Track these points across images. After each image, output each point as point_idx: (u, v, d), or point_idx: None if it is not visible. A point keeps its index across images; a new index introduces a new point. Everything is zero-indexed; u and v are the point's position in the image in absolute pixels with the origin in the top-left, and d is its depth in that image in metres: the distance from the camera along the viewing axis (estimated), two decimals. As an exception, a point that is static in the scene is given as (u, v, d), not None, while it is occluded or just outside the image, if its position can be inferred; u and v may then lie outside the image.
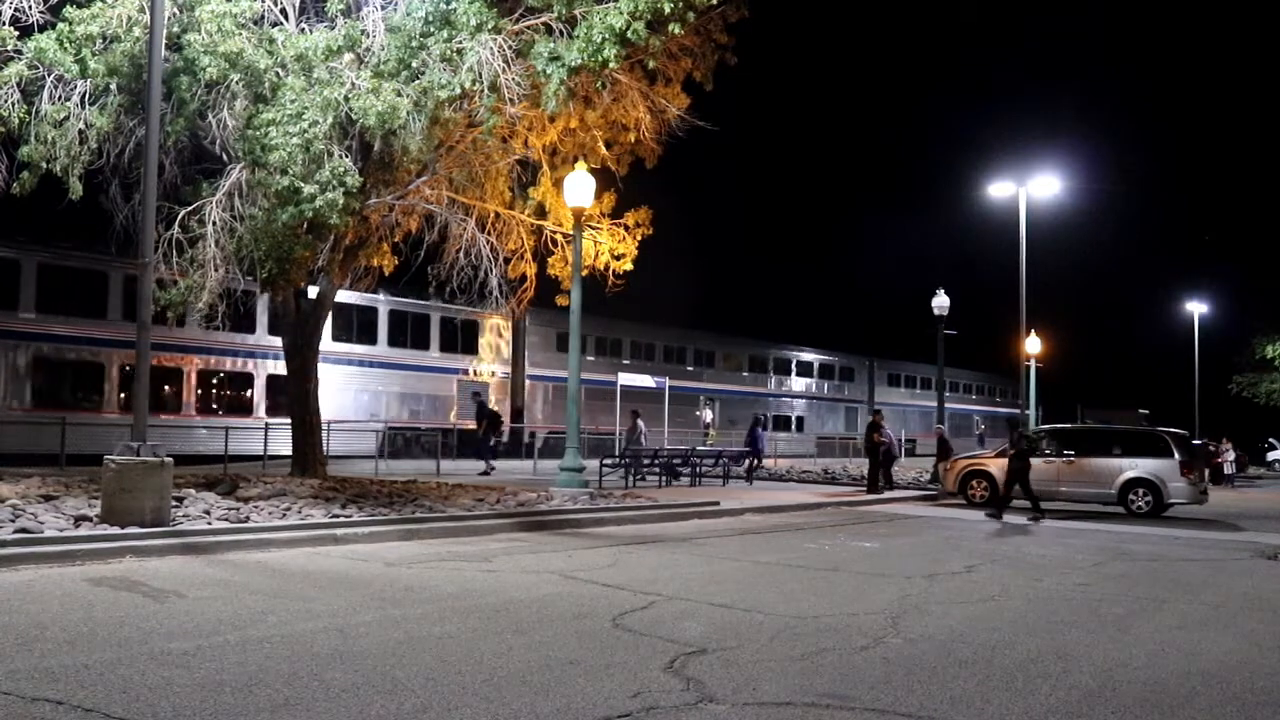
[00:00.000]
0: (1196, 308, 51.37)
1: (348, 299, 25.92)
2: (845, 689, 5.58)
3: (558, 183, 17.88)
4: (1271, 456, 51.30)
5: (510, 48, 14.03)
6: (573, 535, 12.76)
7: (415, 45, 14.00)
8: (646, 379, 36.15)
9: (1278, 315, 46.22)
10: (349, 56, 14.01)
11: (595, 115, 16.60)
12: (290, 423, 18.11)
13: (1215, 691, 5.88)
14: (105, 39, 14.00)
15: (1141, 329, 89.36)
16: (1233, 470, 37.30)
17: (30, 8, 13.69)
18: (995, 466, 20.14)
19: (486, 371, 32.43)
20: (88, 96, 14.11)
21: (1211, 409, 52.09)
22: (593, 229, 18.54)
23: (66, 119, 13.90)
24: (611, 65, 13.78)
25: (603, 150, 17.64)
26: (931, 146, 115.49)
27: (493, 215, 18.36)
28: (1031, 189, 28.76)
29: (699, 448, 27.22)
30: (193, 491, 12.78)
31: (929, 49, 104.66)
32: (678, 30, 14.10)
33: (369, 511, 12.37)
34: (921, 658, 6.40)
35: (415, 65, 13.95)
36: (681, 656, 6.16)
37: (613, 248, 18.78)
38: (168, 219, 14.06)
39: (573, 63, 13.65)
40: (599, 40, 13.43)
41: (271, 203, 13.52)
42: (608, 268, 18.90)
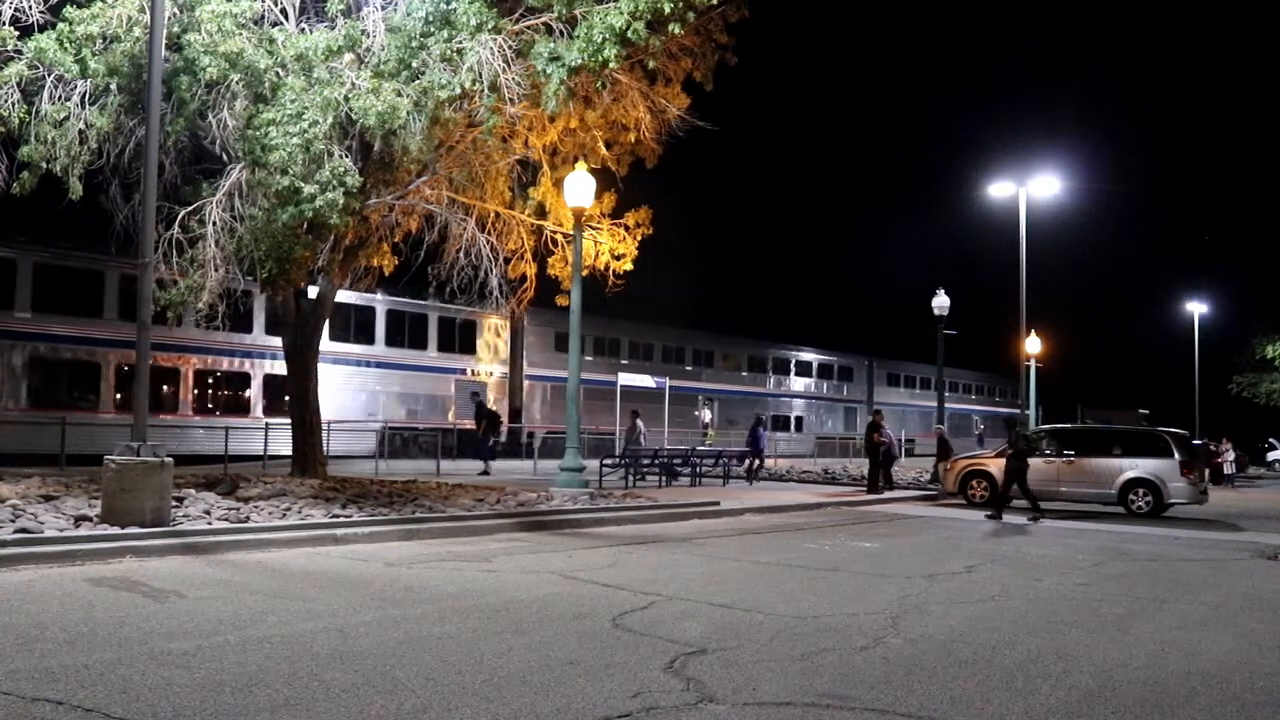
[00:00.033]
0: (1196, 308, 51.43)
1: (345, 299, 25.91)
2: (845, 689, 5.59)
3: (558, 183, 17.88)
4: (1271, 456, 51.27)
5: (510, 48, 14.03)
6: (573, 535, 12.77)
7: (415, 45, 14.00)
8: (646, 379, 36.16)
9: (1278, 315, 46.24)
10: (349, 56, 14.01)
11: (595, 115, 16.60)
12: (290, 423, 18.11)
13: (1215, 691, 5.88)
14: (105, 39, 14.00)
15: (1141, 329, 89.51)
16: (1233, 470, 37.30)
17: (30, 8, 13.69)
18: (995, 466, 20.12)
19: (484, 371, 32.43)
20: (88, 96, 14.11)
21: (1211, 409, 52.14)
22: (593, 229, 18.54)
23: (66, 119, 13.90)
24: (611, 65, 13.79)
25: (603, 150, 17.64)
26: (931, 146, 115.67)
27: (493, 215, 18.36)
28: (1031, 189, 28.78)
29: (699, 448, 27.23)
30: (193, 491, 12.78)
31: (929, 49, 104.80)
32: (678, 30, 14.11)
33: (369, 511, 12.37)
34: (921, 658, 6.41)
35: (415, 65, 13.95)
36: (681, 656, 6.16)
37: (613, 248, 18.79)
38: (168, 219, 14.06)
39: (573, 63, 13.65)
40: (599, 40, 13.43)
41: (271, 203, 13.52)
42: (608, 268, 18.90)
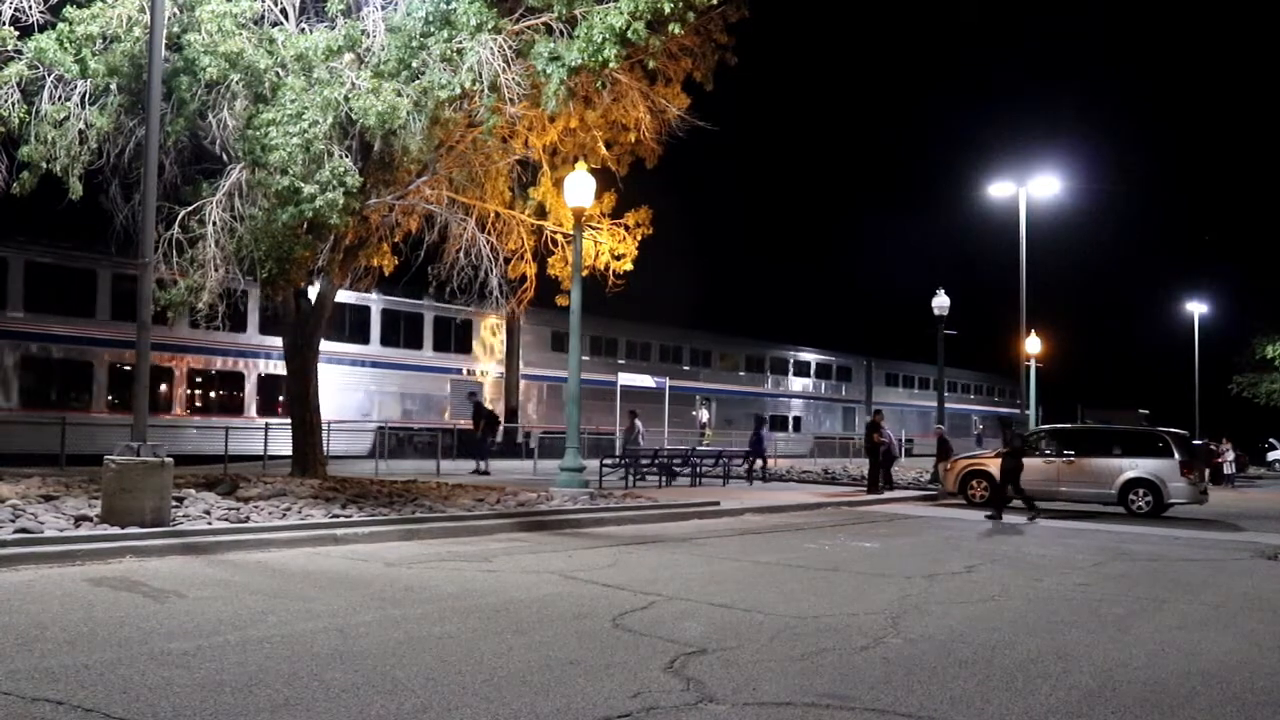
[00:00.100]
0: (1196, 308, 51.46)
1: (341, 298, 25.75)
2: (845, 689, 5.59)
3: (558, 183, 17.88)
4: (1271, 456, 51.26)
5: (510, 48, 14.04)
6: (573, 535, 12.77)
7: (415, 45, 14.00)
8: (646, 379, 36.16)
9: (1278, 315, 46.24)
10: (349, 56, 14.01)
11: (595, 115, 16.60)
12: (290, 423, 18.11)
13: (1215, 691, 5.88)
14: (105, 39, 14.00)
15: (1141, 329, 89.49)
16: (1233, 470, 37.29)
17: (30, 8, 13.69)
18: (995, 467, 20.08)
19: (481, 371, 32.39)
20: (88, 96, 14.11)
21: (1211, 409, 52.16)
22: (593, 229, 18.54)
23: (66, 119, 13.90)
24: (611, 65, 13.79)
25: (603, 150, 17.64)
26: (931, 146, 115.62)
27: (493, 215, 18.36)
28: (1031, 189, 28.79)
29: (699, 448, 27.24)
30: (193, 491, 12.78)
31: (929, 49, 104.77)
32: (678, 30, 14.11)
33: (369, 511, 12.37)
34: (921, 658, 6.40)
35: (415, 65, 13.96)
36: (681, 656, 6.16)
37: (613, 248, 18.78)
38: (168, 219, 14.06)
39: (573, 63, 13.65)
40: (599, 40, 13.43)
41: (271, 203, 13.52)
42: (608, 268, 18.90)
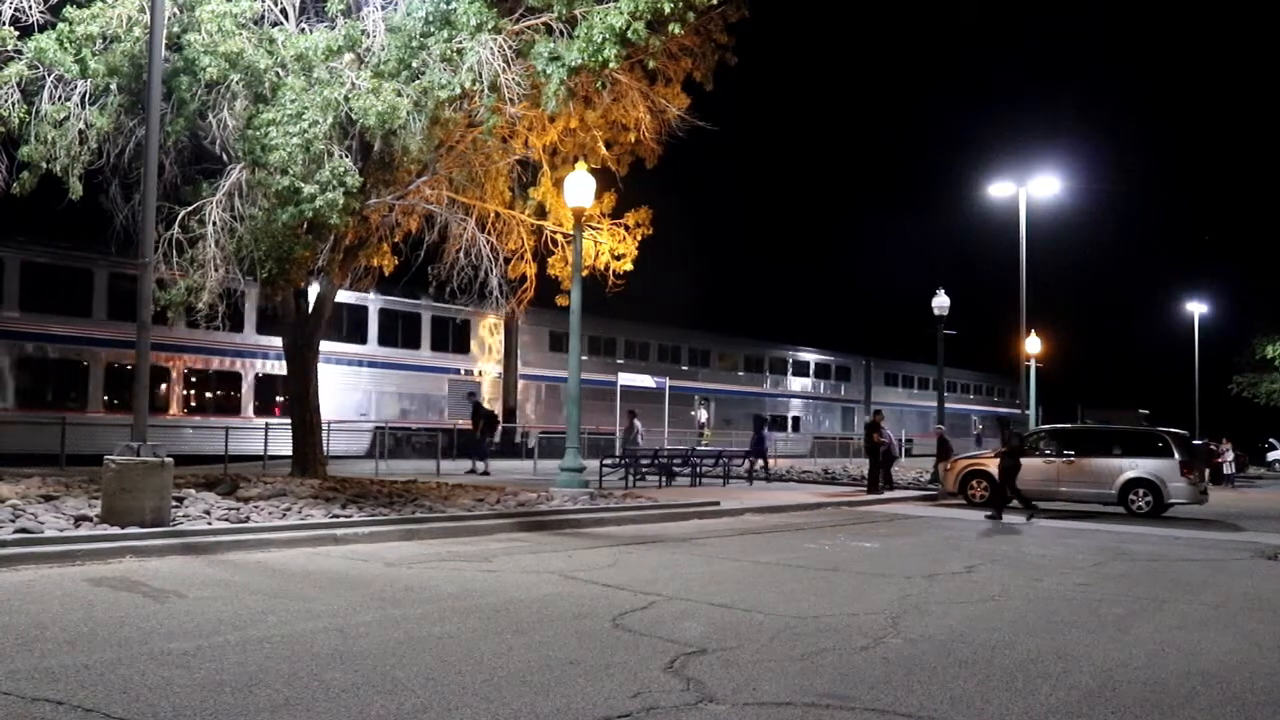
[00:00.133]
0: (1196, 308, 51.49)
1: (339, 298, 25.76)
2: (845, 689, 5.59)
3: (558, 183, 17.88)
4: (1271, 456, 51.25)
5: (510, 48, 14.03)
6: (573, 535, 12.77)
7: (415, 45, 14.00)
8: (646, 379, 36.15)
9: (1278, 315, 46.24)
10: (349, 56, 14.01)
11: (595, 115, 16.60)
12: (290, 423, 18.11)
13: (1215, 691, 5.88)
14: (105, 39, 14.00)
15: (1141, 329, 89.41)
16: (1233, 470, 37.28)
17: (30, 8, 13.68)
18: (995, 467, 20.11)
19: (479, 371, 32.34)
20: (88, 96, 14.11)
21: (1211, 409, 52.17)
22: (593, 229, 18.54)
23: (66, 119, 13.90)
24: (611, 65, 13.79)
25: (603, 150, 17.63)
26: (931, 146, 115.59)
27: (493, 215, 18.36)
28: (1031, 189, 28.81)
29: (699, 447, 27.24)
30: (193, 491, 12.78)
31: (929, 49, 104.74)
32: (678, 30, 14.11)
33: (369, 511, 12.37)
34: (921, 658, 6.40)
35: (415, 65, 13.95)
36: (681, 656, 6.16)
37: (613, 248, 18.78)
38: (168, 219, 14.06)
39: (573, 63, 13.65)
40: (599, 40, 13.43)
41: (271, 203, 13.52)
42: (608, 268, 18.90)
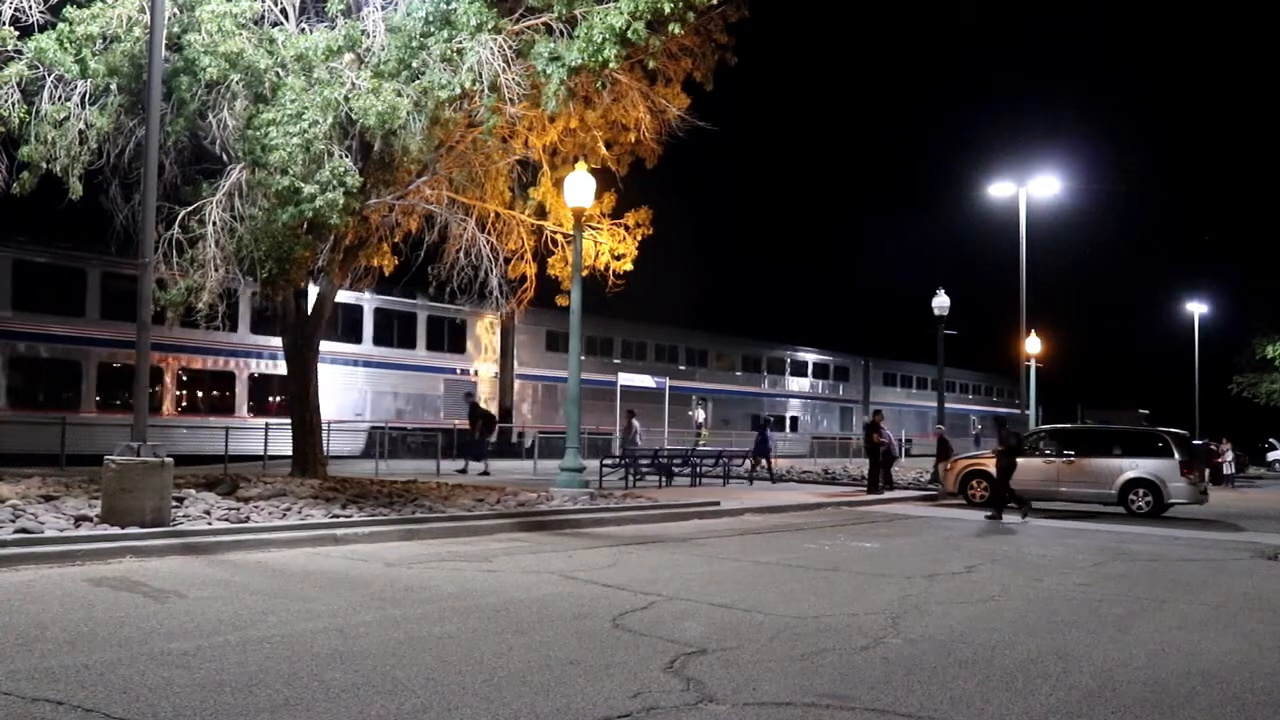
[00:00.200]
0: (1196, 308, 51.49)
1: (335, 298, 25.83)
2: (845, 689, 5.59)
3: (558, 183, 17.88)
4: (1271, 456, 51.25)
5: (510, 48, 14.03)
6: (573, 535, 12.77)
7: (415, 45, 14.00)
8: (646, 379, 36.14)
9: (1278, 315, 46.24)
10: (349, 56, 14.01)
11: (595, 115, 16.60)
12: (290, 423, 18.11)
13: (1215, 691, 5.88)
14: (105, 39, 14.00)
15: (1141, 329, 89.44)
16: (1232, 470, 37.26)
17: (30, 8, 13.69)
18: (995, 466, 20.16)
19: (475, 371, 32.28)
20: (88, 96, 14.11)
21: (1211, 409, 52.17)
22: (593, 229, 18.54)
23: (66, 119, 13.90)
24: (612, 65, 13.79)
25: (603, 150, 17.63)
26: (931, 146, 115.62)
27: (493, 215, 18.36)
28: (1031, 189, 28.80)
29: (699, 447, 27.24)
30: (193, 492, 12.78)
31: (929, 49, 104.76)
32: (678, 30, 14.11)
33: (369, 512, 12.37)
34: (921, 658, 6.40)
35: (415, 65, 13.95)
36: (681, 657, 6.16)
37: (613, 248, 18.78)
38: (168, 219, 14.06)
39: (573, 63, 13.65)
40: (599, 40, 13.43)
41: (271, 203, 13.52)
42: (608, 268, 18.90)
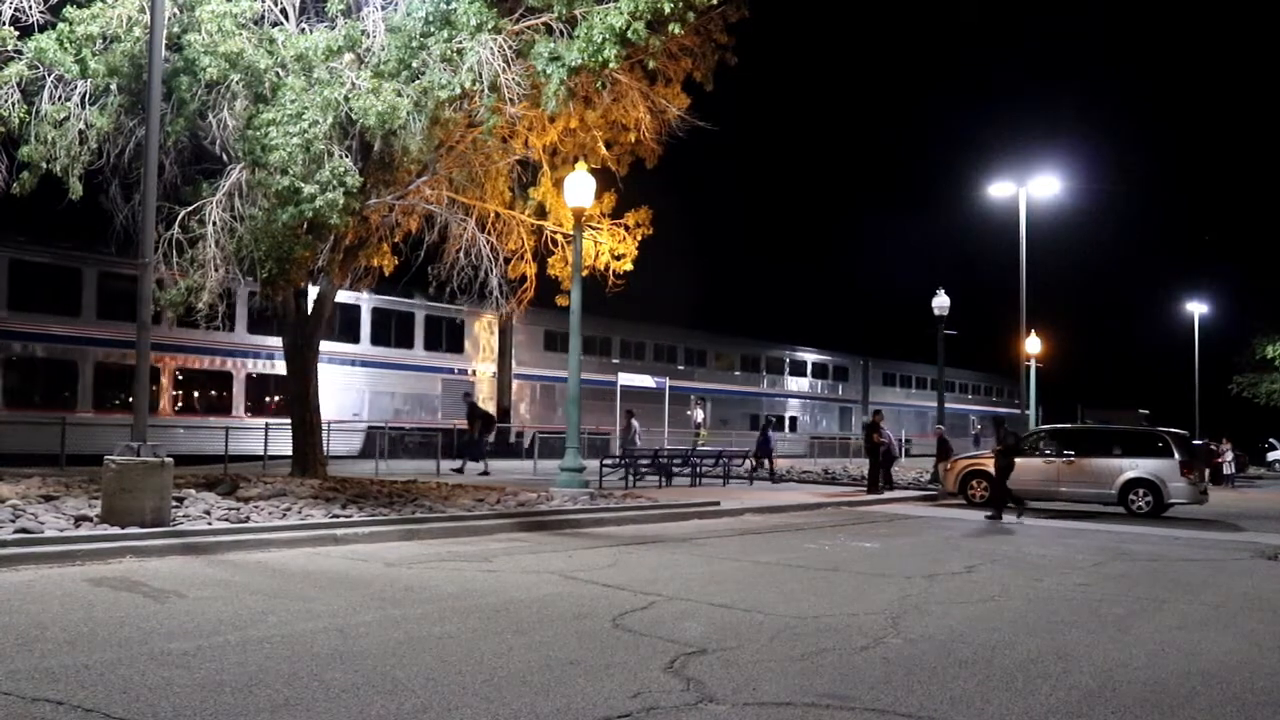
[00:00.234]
0: (1196, 308, 51.48)
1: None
2: (845, 689, 5.59)
3: (558, 183, 17.88)
4: (1271, 456, 51.25)
5: (510, 48, 14.03)
6: (573, 535, 12.77)
7: (415, 45, 14.00)
8: (646, 379, 36.13)
9: (1278, 315, 46.25)
10: (349, 56, 14.01)
11: (595, 115, 16.60)
12: (290, 423, 18.11)
13: (1215, 691, 5.88)
14: (105, 39, 14.00)
15: (1141, 329, 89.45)
16: (1232, 470, 37.26)
17: (30, 8, 13.69)
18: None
19: (473, 370, 32.23)
20: (88, 96, 14.11)
21: (1211, 409, 52.16)
22: (593, 229, 18.53)
23: (66, 119, 13.90)
24: (612, 65, 13.79)
25: (603, 150, 17.63)
26: (931, 146, 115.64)
27: (493, 215, 18.36)
28: (1031, 189, 28.80)
29: (699, 447, 27.23)
30: (193, 492, 12.78)
31: (929, 49, 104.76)
32: (678, 30, 14.11)
33: (369, 512, 12.37)
34: (921, 658, 6.40)
35: (415, 65, 13.95)
36: (681, 657, 6.16)
37: (613, 248, 18.78)
38: (168, 219, 14.06)
39: (573, 63, 13.65)
40: (599, 40, 13.43)
41: (271, 203, 13.52)
42: (608, 268, 18.89)
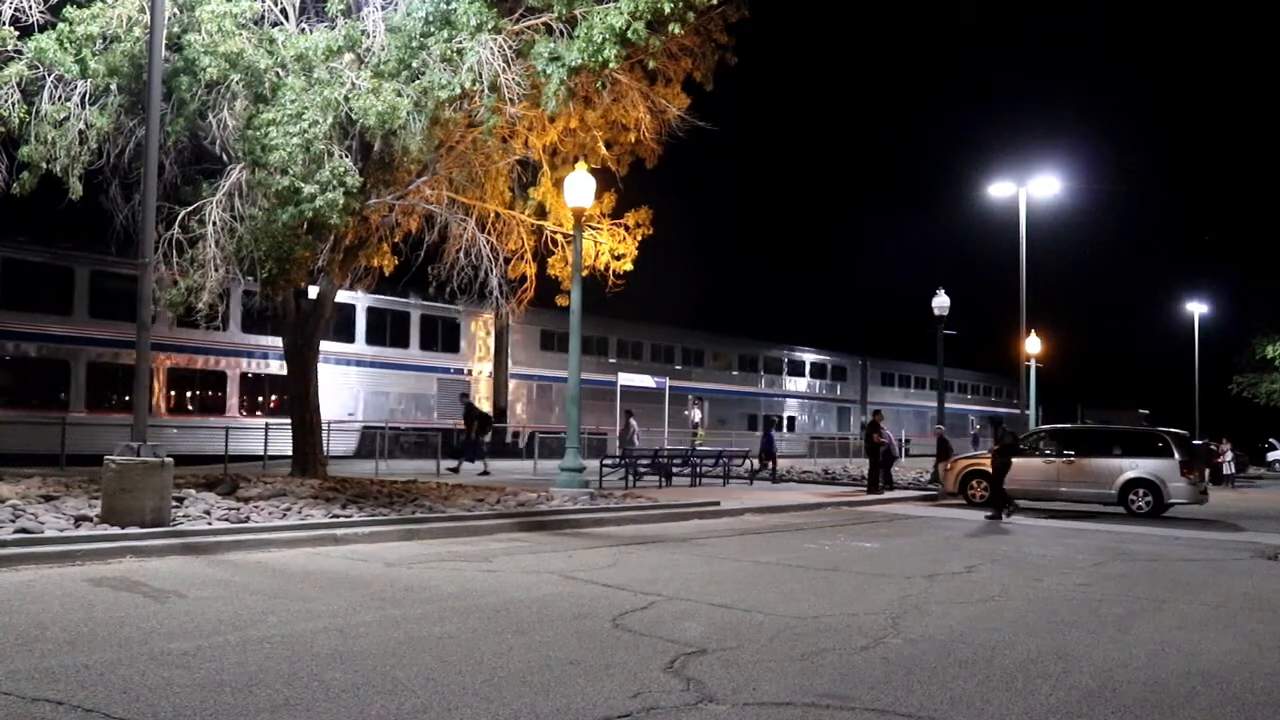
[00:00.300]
0: (1196, 308, 51.48)
1: None
2: (845, 689, 5.59)
3: (558, 183, 17.88)
4: (1271, 456, 51.24)
5: (510, 48, 14.04)
6: (573, 535, 12.77)
7: (415, 45, 14.00)
8: (646, 379, 36.12)
9: (1278, 315, 46.27)
10: (349, 56, 14.01)
11: (595, 115, 16.60)
12: (290, 423, 18.11)
13: (1215, 691, 5.88)
14: (105, 39, 14.00)
15: (1141, 329, 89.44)
16: (1232, 470, 37.26)
17: (30, 8, 13.69)
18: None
19: (469, 370, 32.18)
20: (88, 96, 14.11)
21: (1211, 409, 52.16)
22: (593, 229, 18.53)
23: (66, 119, 13.90)
24: (611, 65, 13.79)
25: (603, 150, 17.63)
26: (931, 146, 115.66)
27: (493, 215, 18.36)
28: (1031, 189, 28.80)
29: (698, 447, 27.24)
30: (193, 492, 12.78)
31: (929, 49, 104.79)
32: (678, 30, 14.11)
33: (369, 512, 12.37)
34: (921, 658, 6.40)
35: (415, 65, 13.96)
36: (681, 657, 6.16)
37: (613, 248, 18.78)
38: (168, 219, 14.06)
39: (573, 63, 13.65)
40: (599, 40, 13.43)
41: (271, 203, 13.52)
42: (608, 268, 18.90)
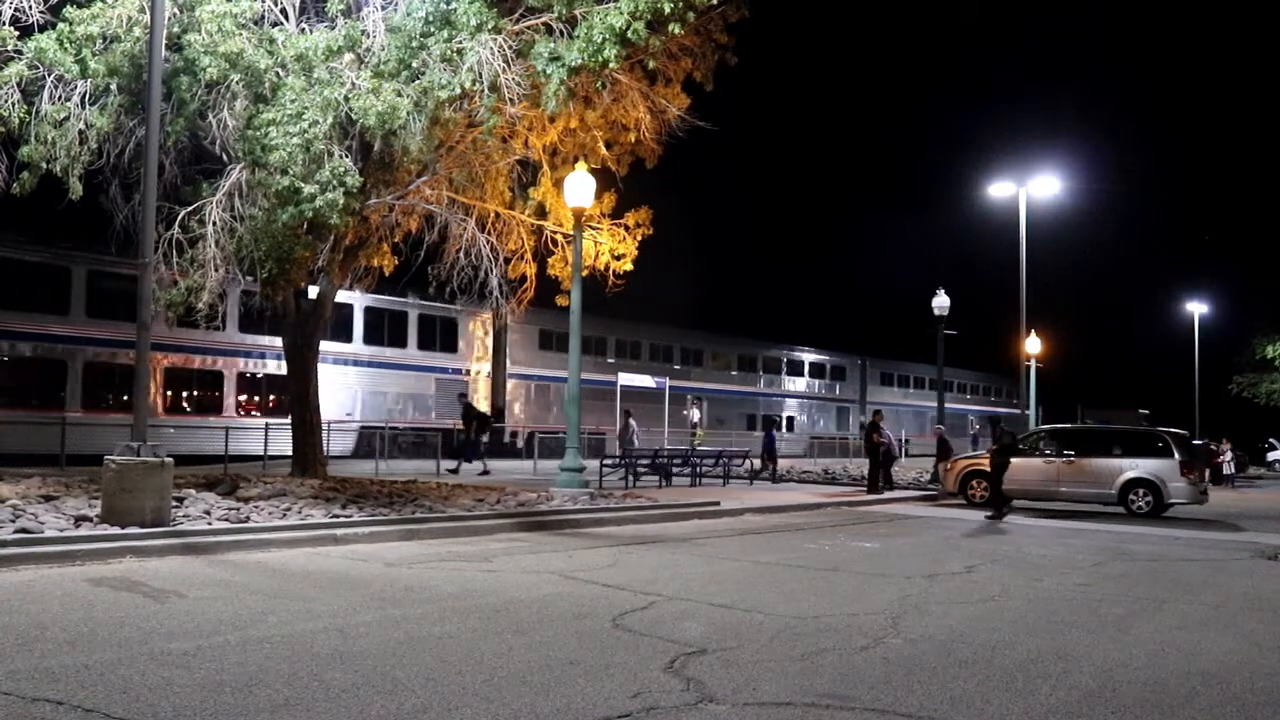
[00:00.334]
0: (1196, 308, 51.49)
1: None
2: (845, 689, 5.59)
3: (558, 183, 17.88)
4: (1271, 456, 51.25)
5: (510, 48, 14.04)
6: (573, 535, 12.77)
7: (415, 45, 14.01)
8: (646, 379, 36.13)
9: (1278, 315, 46.29)
10: (349, 56, 14.01)
11: (595, 115, 16.61)
12: (290, 423, 18.12)
13: (1215, 691, 5.88)
14: (105, 39, 14.00)
15: (1141, 329, 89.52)
16: (1232, 470, 37.26)
17: (30, 8, 13.69)
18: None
19: (467, 370, 32.14)
20: (88, 96, 14.11)
21: (1211, 409, 52.18)
22: (593, 229, 18.54)
23: (66, 119, 13.90)
24: (611, 65, 13.79)
25: (603, 150, 17.64)
26: (931, 146, 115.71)
27: (493, 215, 18.36)
28: (1031, 189, 28.81)
29: (698, 447, 27.24)
30: (193, 492, 12.78)
31: (929, 49, 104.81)
32: (678, 30, 14.11)
33: (369, 512, 12.37)
34: (921, 658, 6.40)
35: (415, 65, 13.96)
36: (681, 657, 6.16)
37: (613, 248, 18.79)
38: (168, 219, 14.07)
39: (573, 63, 13.65)
40: (599, 40, 13.43)
41: (271, 203, 13.52)
42: (608, 268, 18.90)
